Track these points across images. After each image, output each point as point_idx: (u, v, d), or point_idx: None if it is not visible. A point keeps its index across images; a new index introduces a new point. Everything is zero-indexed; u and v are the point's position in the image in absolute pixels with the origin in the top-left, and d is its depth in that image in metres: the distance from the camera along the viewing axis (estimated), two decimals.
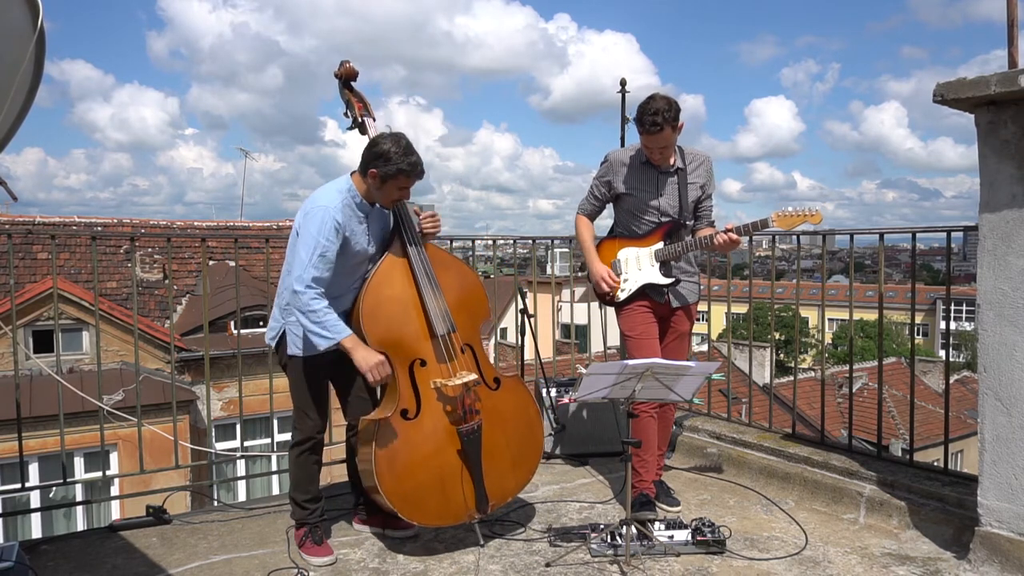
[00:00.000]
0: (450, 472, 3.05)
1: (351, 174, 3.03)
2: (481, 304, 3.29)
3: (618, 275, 3.55)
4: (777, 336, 33.15)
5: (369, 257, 3.09)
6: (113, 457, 10.22)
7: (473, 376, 3.04)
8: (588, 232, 3.73)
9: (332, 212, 2.88)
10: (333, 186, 3.01)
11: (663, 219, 3.50)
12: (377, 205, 3.06)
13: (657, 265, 3.50)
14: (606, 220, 3.77)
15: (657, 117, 3.25)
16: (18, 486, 3.78)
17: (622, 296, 3.54)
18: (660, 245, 3.50)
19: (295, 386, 3.10)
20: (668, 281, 3.50)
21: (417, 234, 3.10)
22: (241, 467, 9.14)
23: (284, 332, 3.07)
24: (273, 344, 3.14)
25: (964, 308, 37.13)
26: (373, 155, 2.90)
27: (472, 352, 3.17)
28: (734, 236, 3.33)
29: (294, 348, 3.05)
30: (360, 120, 3.24)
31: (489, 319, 3.42)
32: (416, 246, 3.08)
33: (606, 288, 3.53)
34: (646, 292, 3.52)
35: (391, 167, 2.87)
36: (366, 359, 2.91)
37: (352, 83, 3.28)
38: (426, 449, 3.01)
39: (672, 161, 3.48)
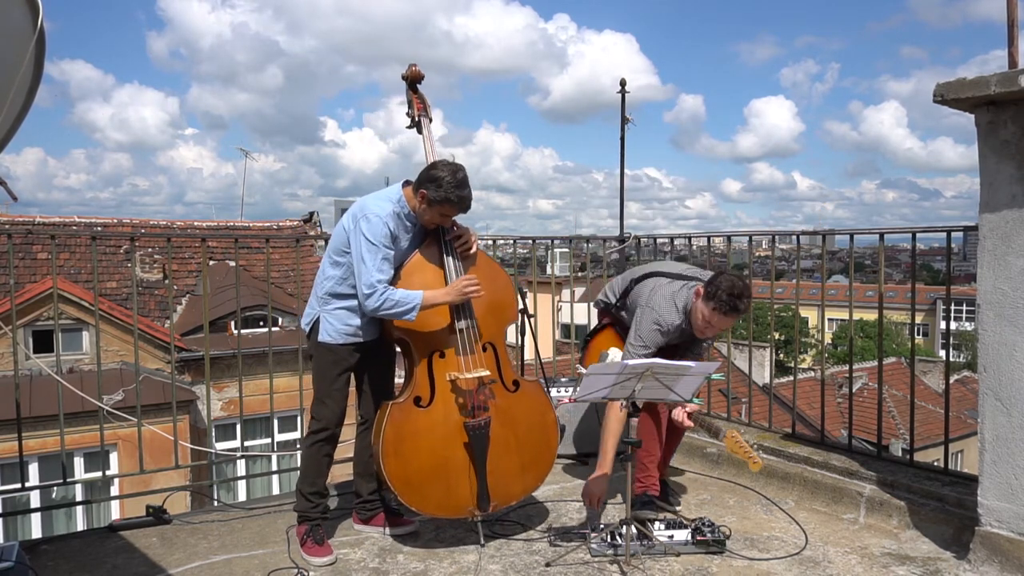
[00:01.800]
0: (455, 464, 3.08)
1: (403, 186, 3.12)
2: (509, 306, 3.33)
3: (600, 360, 3.59)
4: (777, 336, 33.14)
5: None
6: (113, 457, 10.21)
7: (487, 372, 3.09)
8: (616, 430, 3.22)
9: (385, 219, 2.99)
10: (384, 195, 3.11)
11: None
12: None
13: None
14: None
15: (741, 303, 3.13)
16: (18, 486, 3.78)
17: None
18: None
19: (318, 374, 3.16)
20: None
21: (451, 236, 3.17)
22: (241, 467, 9.14)
23: (319, 319, 3.14)
24: (307, 329, 3.21)
25: (964, 308, 37.09)
26: (428, 177, 2.99)
27: (494, 351, 3.21)
28: (687, 423, 3.35)
29: (326, 336, 3.12)
30: (417, 119, 3.40)
31: (515, 321, 3.48)
32: (448, 243, 3.16)
33: (586, 502, 3.28)
34: None
35: (440, 194, 2.96)
36: (452, 293, 3.03)
37: (417, 85, 3.43)
38: (433, 438, 3.05)
39: None
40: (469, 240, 3.20)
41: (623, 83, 5.43)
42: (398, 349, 3.31)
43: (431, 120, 3.41)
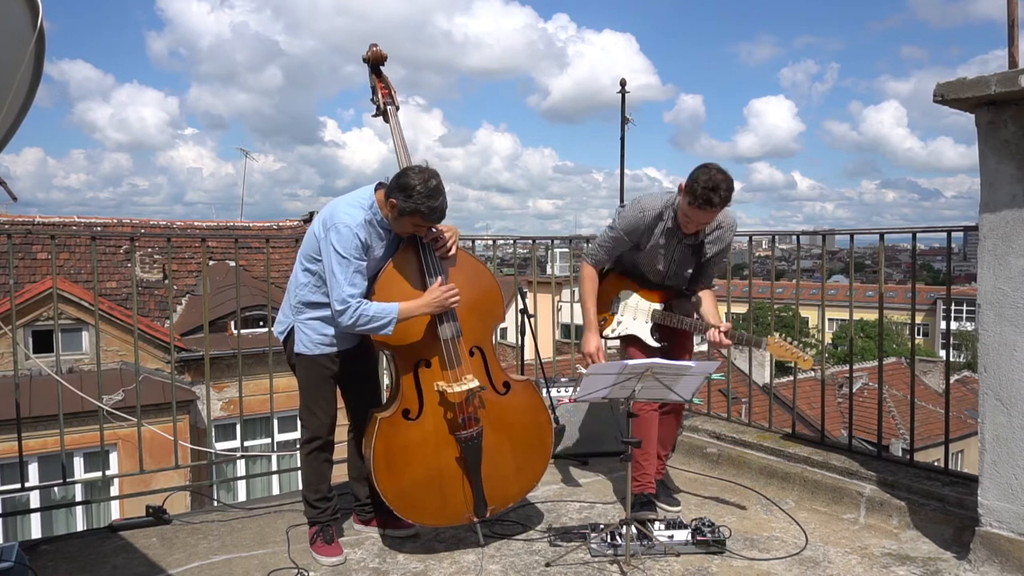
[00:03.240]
0: (449, 474, 3.04)
1: (376, 189, 2.98)
2: (495, 305, 3.20)
3: (614, 313, 3.59)
4: (777, 336, 33.08)
5: None
6: (113, 457, 10.21)
7: (475, 383, 2.99)
8: (592, 289, 3.48)
9: (356, 230, 2.85)
10: (356, 200, 2.95)
11: (668, 282, 3.50)
12: None
13: (651, 324, 3.51)
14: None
15: (715, 196, 3.08)
16: (18, 486, 3.78)
17: (611, 334, 3.58)
18: (659, 307, 3.51)
19: (303, 384, 3.11)
20: (655, 346, 3.49)
21: (429, 239, 3.05)
22: (241, 467, 9.13)
23: (292, 329, 3.07)
24: (281, 338, 3.14)
25: (964, 308, 37.10)
26: (399, 186, 2.82)
27: (481, 355, 3.11)
28: (726, 341, 3.28)
29: (301, 346, 3.05)
30: (383, 107, 3.19)
31: (503, 321, 3.35)
32: (426, 246, 3.03)
33: (587, 364, 3.39)
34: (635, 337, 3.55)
35: (409, 204, 2.80)
36: (430, 304, 2.91)
37: (380, 67, 3.21)
38: (425, 450, 3.00)
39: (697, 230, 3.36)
40: (448, 242, 3.05)
41: (623, 83, 5.43)
42: (385, 352, 3.23)
43: (398, 108, 3.18)
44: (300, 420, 3.15)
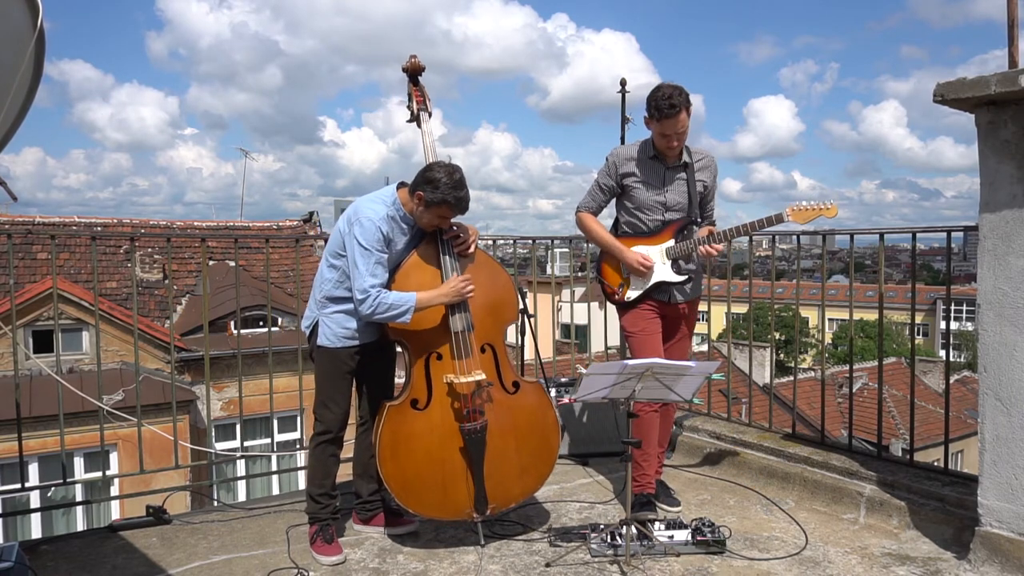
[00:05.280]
0: (452, 467, 3.07)
1: (398, 187, 3.11)
2: (509, 306, 3.29)
3: (625, 276, 3.54)
4: (777, 336, 33.14)
5: None
6: (113, 457, 10.21)
7: (483, 375, 3.06)
8: (600, 226, 3.65)
9: (378, 223, 2.99)
10: (378, 197, 3.11)
11: (669, 215, 3.49)
12: None
13: (669, 263, 3.49)
14: (605, 220, 3.75)
15: (673, 100, 3.24)
16: (18, 486, 3.78)
17: (633, 295, 3.51)
18: (671, 243, 3.48)
19: (320, 377, 3.17)
20: (681, 279, 3.49)
21: (449, 235, 3.16)
22: (241, 467, 9.13)
23: (317, 323, 3.16)
24: (307, 332, 3.23)
25: (964, 308, 37.12)
26: (424, 179, 2.98)
27: (493, 352, 3.18)
28: (717, 249, 3.34)
29: (324, 340, 3.12)
30: (416, 113, 3.37)
31: (516, 321, 3.44)
32: (446, 242, 3.14)
33: (646, 268, 3.45)
34: (651, 293, 3.51)
35: (437, 196, 2.95)
36: (447, 293, 3.02)
37: (418, 77, 3.42)
38: (430, 440, 3.05)
39: (680, 156, 3.47)
40: (467, 239, 3.18)
41: (623, 83, 5.43)
42: (399, 349, 3.31)
43: (431, 115, 3.37)
44: (314, 413, 3.21)
